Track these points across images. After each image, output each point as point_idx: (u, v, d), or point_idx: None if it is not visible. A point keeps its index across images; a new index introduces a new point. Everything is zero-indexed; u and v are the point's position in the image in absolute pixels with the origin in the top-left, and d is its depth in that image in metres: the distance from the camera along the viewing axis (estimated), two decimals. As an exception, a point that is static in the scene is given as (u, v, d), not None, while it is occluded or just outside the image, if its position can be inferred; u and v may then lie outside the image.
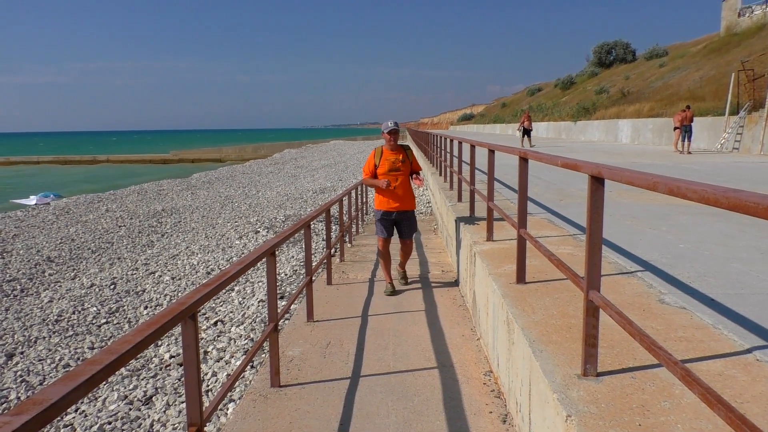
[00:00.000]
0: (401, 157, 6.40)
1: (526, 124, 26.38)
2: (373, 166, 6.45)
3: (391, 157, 6.39)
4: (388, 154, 6.41)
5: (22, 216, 20.06)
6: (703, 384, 1.68)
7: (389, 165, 6.36)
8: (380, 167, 6.38)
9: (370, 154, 6.54)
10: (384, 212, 6.49)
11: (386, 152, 6.43)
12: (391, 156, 6.41)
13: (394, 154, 6.42)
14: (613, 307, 2.34)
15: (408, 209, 6.53)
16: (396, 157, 6.39)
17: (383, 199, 6.47)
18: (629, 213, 6.92)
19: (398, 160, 6.38)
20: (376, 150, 6.53)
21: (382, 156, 6.42)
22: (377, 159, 6.43)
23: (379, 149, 6.52)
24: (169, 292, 9.66)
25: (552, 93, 60.26)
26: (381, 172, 6.37)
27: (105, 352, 1.69)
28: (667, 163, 14.55)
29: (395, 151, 6.43)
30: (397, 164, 6.38)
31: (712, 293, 3.74)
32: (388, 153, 6.42)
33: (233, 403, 4.95)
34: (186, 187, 28.47)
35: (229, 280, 2.84)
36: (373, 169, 6.44)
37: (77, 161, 62.17)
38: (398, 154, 6.41)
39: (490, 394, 3.94)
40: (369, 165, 6.49)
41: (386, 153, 6.43)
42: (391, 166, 6.35)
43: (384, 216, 6.49)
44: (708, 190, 1.60)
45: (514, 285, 4.11)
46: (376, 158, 6.45)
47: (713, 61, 30.17)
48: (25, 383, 6.34)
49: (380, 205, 6.50)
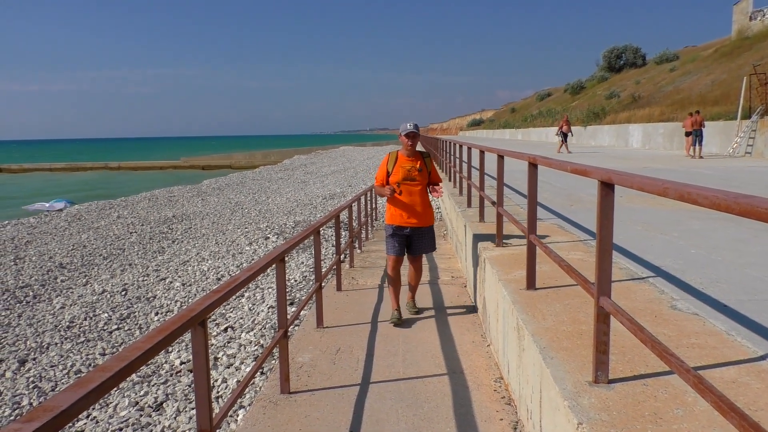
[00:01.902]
0: (418, 165, 5.54)
1: (564, 128, 24.95)
2: (385, 172, 5.62)
3: (406, 164, 5.54)
4: (404, 161, 5.55)
5: (34, 222, 20.24)
6: (716, 392, 1.66)
7: (404, 173, 5.51)
8: (393, 175, 5.55)
9: (384, 159, 5.70)
10: (396, 227, 5.63)
11: (402, 158, 5.57)
12: (407, 163, 5.54)
13: (411, 161, 5.55)
14: (624, 314, 2.32)
15: (425, 225, 5.68)
16: (412, 165, 5.54)
17: (396, 213, 5.60)
18: (640, 218, 6.88)
19: (414, 168, 5.53)
20: (391, 155, 5.69)
21: (397, 162, 5.57)
22: (391, 165, 5.60)
23: (393, 154, 5.67)
24: (180, 298, 9.70)
25: (562, 98, 60.17)
26: (394, 181, 5.53)
27: (116, 359, 1.70)
28: (678, 168, 14.46)
29: (413, 157, 5.58)
30: (413, 173, 5.52)
31: (725, 299, 3.70)
32: (404, 159, 5.56)
33: (243, 409, 4.96)
34: (196, 194, 28.62)
35: (239, 287, 2.85)
36: (385, 176, 5.62)
37: (89, 168, 62.70)
38: (415, 162, 5.56)
39: (501, 401, 3.91)
40: (381, 171, 5.66)
41: (402, 159, 5.57)
42: (406, 175, 5.51)
43: (396, 231, 5.64)
44: (719, 196, 1.58)
45: (524, 291, 4.09)
46: (389, 164, 5.61)
47: (725, 65, 30.00)
48: (37, 389, 6.38)
49: (392, 219, 5.64)
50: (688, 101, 27.02)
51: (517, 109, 77.82)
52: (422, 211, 5.60)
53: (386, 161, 5.66)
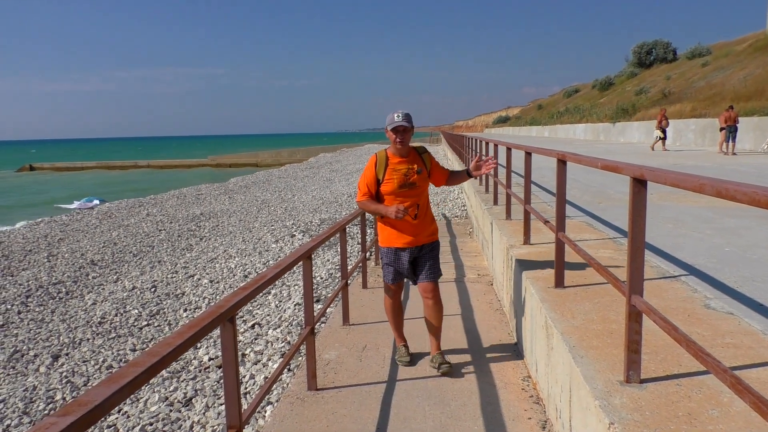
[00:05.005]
0: (416, 166, 4.18)
1: (664, 123, 21.89)
2: (373, 180, 4.16)
3: (401, 167, 4.14)
4: (397, 162, 4.15)
5: (67, 220, 20.68)
6: (754, 392, 1.62)
7: (399, 179, 4.11)
8: (386, 183, 4.12)
9: (369, 162, 4.22)
10: (395, 251, 4.30)
11: (393, 159, 4.15)
12: (402, 165, 4.14)
13: (405, 161, 4.16)
14: (657, 313, 2.28)
15: (429, 241, 4.34)
16: (408, 167, 4.15)
17: (393, 232, 4.26)
18: (672, 216, 6.75)
19: (412, 170, 4.14)
20: (378, 156, 4.19)
21: (388, 165, 4.14)
22: (381, 170, 4.14)
23: (381, 154, 4.19)
24: (208, 295, 9.81)
25: (590, 94, 59.36)
26: (387, 191, 4.12)
27: (147, 355, 1.72)
28: (711, 165, 14.16)
29: (407, 156, 4.18)
30: (411, 177, 4.14)
31: (761, 298, 3.61)
32: (396, 160, 4.15)
33: (271, 405, 4.99)
34: (223, 192, 28.92)
35: (267, 284, 2.87)
36: (374, 185, 4.16)
37: (119, 167, 63.86)
38: (411, 162, 4.18)
39: (529, 400, 3.88)
40: (367, 178, 4.18)
41: (393, 160, 4.15)
42: (402, 181, 4.11)
43: (396, 257, 4.31)
44: (759, 192, 1.54)
45: (553, 289, 4.05)
46: (378, 169, 4.14)
47: (759, 59, 29.28)
48: (70, 384, 6.51)
49: (387, 241, 4.31)
50: (720, 97, 26.44)
51: (544, 105, 77.03)
52: (423, 222, 4.29)
53: (373, 164, 4.18)
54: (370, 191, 4.17)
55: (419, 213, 4.20)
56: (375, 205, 4.15)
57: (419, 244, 4.28)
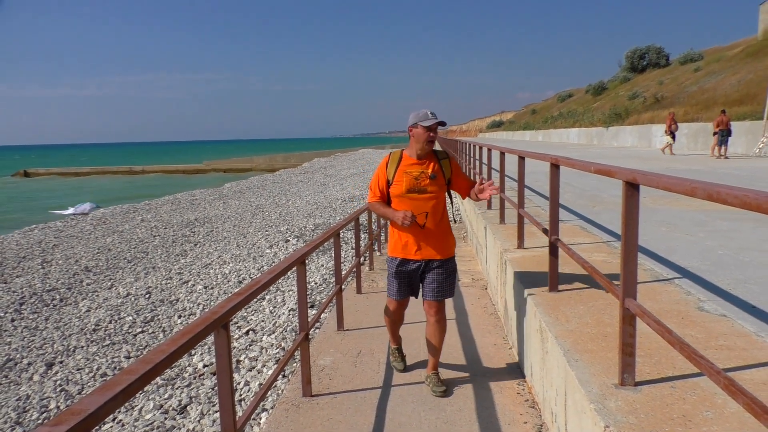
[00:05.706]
0: (431, 170, 3.83)
1: (673, 127, 21.30)
2: (384, 180, 3.91)
3: (413, 169, 3.83)
4: (410, 164, 3.86)
5: (61, 226, 20.59)
6: (747, 394, 1.62)
7: (409, 182, 3.81)
8: (395, 185, 3.85)
9: (382, 162, 4.01)
10: (401, 261, 3.96)
11: (407, 160, 3.88)
12: (414, 168, 3.84)
13: (420, 164, 3.84)
14: (650, 315, 2.29)
15: (444, 257, 3.95)
16: (421, 170, 3.83)
17: (398, 240, 3.95)
18: (665, 219, 6.78)
19: (425, 174, 3.82)
20: (391, 156, 3.96)
21: (400, 166, 3.87)
22: (391, 170, 3.89)
23: (395, 155, 3.94)
24: (202, 301, 9.78)
25: (583, 99, 59.62)
26: (395, 194, 3.85)
27: (141, 362, 1.71)
28: (704, 169, 14.23)
29: (423, 159, 3.86)
30: (422, 181, 3.81)
31: (754, 300, 3.63)
32: (409, 161, 3.87)
33: (266, 412, 4.98)
34: (218, 197, 28.88)
35: (261, 289, 2.86)
36: (385, 187, 3.91)
37: (114, 172, 63.67)
38: (426, 166, 3.84)
39: (524, 404, 3.88)
40: (378, 179, 3.94)
41: (407, 161, 3.87)
42: (411, 185, 3.81)
43: (401, 267, 3.96)
44: (750, 195, 1.55)
45: (547, 293, 4.06)
46: (389, 169, 3.90)
47: (751, 64, 29.50)
48: (64, 392, 6.47)
49: (392, 250, 4.00)
50: (713, 101, 26.61)
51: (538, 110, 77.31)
52: (440, 237, 3.93)
53: (385, 163, 3.96)
54: (381, 193, 3.92)
55: (428, 222, 3.84)
56: (384, 209, 3.87)
57: (427, 258, 3.90)
